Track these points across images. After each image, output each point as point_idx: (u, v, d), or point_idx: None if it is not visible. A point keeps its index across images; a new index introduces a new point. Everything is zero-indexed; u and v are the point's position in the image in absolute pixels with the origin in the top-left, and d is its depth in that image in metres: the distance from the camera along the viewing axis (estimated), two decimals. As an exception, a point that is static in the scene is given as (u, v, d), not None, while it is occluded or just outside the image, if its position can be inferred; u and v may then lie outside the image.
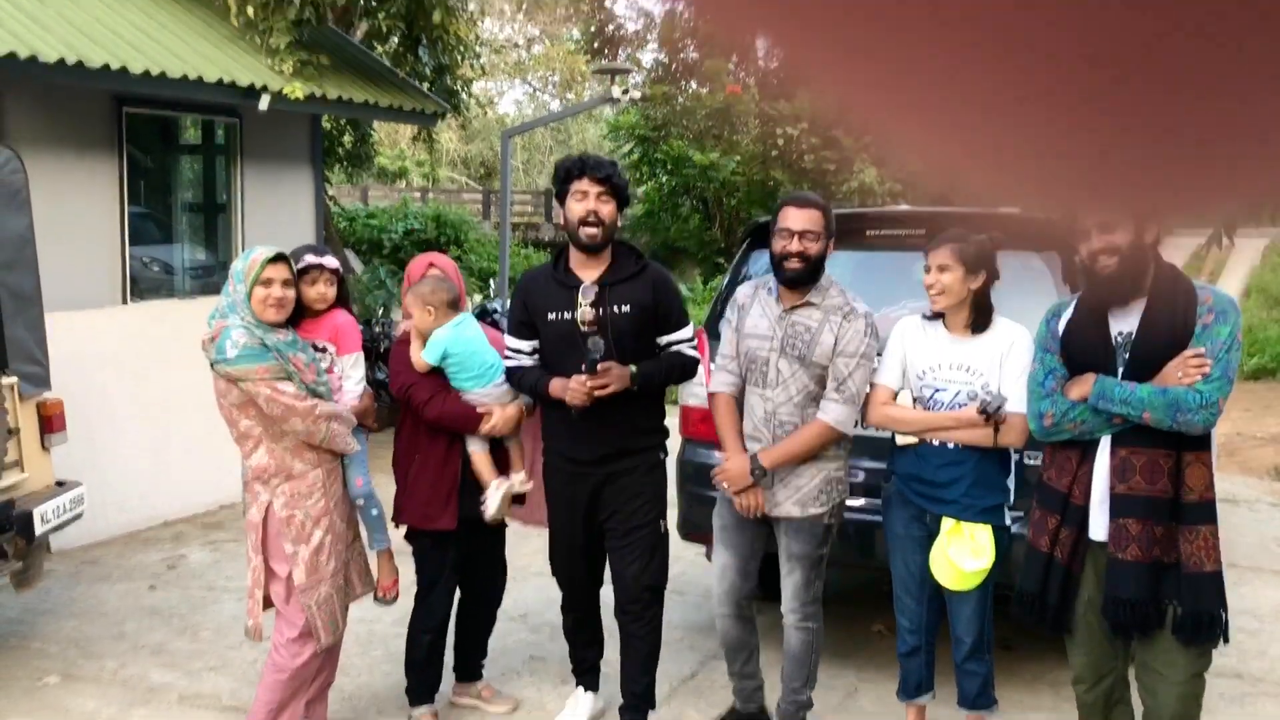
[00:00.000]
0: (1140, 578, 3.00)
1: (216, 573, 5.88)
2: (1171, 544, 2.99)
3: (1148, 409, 2.95)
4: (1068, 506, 3.15)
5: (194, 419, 6.82)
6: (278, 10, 7.91)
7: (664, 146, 18.57)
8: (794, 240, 3.60)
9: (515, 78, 29.90)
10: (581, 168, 3.68)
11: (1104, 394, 3.02)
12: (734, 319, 3.80)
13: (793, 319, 3.65)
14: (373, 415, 3.83)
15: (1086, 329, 3.14)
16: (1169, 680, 3.07)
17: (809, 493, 3.63)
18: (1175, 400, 2.92)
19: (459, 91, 12.09)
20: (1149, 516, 2.98)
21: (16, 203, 4.78)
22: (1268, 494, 7.97)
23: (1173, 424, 2.92)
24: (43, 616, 5.19)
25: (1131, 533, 3.00)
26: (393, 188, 27.51)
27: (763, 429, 3.69)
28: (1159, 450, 2.98)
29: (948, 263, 3.48)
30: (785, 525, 3.70)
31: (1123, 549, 3.01)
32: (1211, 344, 2.94)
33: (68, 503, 4.83)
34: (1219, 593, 2.99)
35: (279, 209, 8.72)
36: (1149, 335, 3.02)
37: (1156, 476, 2.98)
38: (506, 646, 4.76)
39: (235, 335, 3.41)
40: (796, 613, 3.75)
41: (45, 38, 6.34)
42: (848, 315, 3.62)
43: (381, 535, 3.84)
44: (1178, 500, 2.98)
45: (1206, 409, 2.90)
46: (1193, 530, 2.97)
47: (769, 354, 3.66)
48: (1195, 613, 2.97)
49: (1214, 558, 2.97)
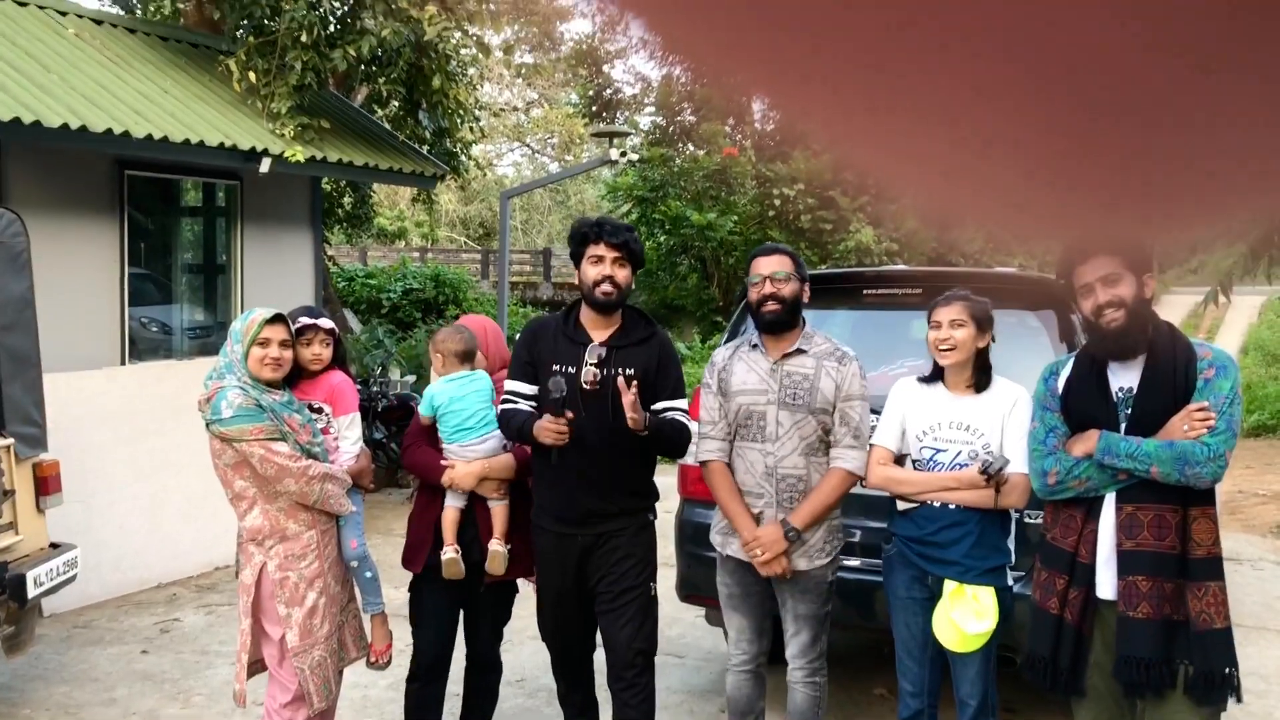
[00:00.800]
0: (1154, 636, 2.96)
1: (210, 637, 5.81)
2: (1180, 601, 2.96)
3: (1155, 463, 2.93)
4: (1075, 565, 3.11)
5: (191, 480, 6.80)
6: (279, 76, 8.03)
7: (662, 206, 18.73)
8: (766, 284, 3.66)
9: (514, 140, 30.22)
10: (599, 232, 3.69)
11: (1110, 449, 3.01)
12: (714, 383, 3.79)
13: (786, 369, 3.66)
14: (369, 476, 3.81)
15: (1087, 385, 3.14)
16: None
17: (815, 544, 3.63)
18: (1183, 454, 2.91)
19: (458, 154, 12.22)
20: (1158, 573, 2.96)
21: (17, 265, 4.81)
22: (1271, 552, 7.91)
23: (1181, 478, 2.91)
24: (33, 682, 5.12)
25: (1142, 590, 2.96)
26: (392, 248, 27.68)
27: (764, 484, 3.66)
28: (1165, 505, 2.97)
29: (961, 318, 3.49)
30: (789, 586, 3.66)
31: (1134, 607, 2.98)
32: (1215, 398, 2.95)
33: (61, 565, 4.79)
34: (1229, 650, 2.96)
35: (278, 270, 8.77)
36: (1151, 390, 3.02)
37: (1164, 532, 2.96)
38: (503, 711, 4.69)
39: (231, 395, 3.41)
40: (803, 669, 3.72)
41: (49, 103, 6.42)
42: (841, 360, 3.66)
43: (375, 599, 3.79)
44: (1185, 556, 2.96)
45: (1214, 461, 2.89)
46: (1201, 587, 2.94)
47: (765, 407, 3.66)
48: (1207, 671, 2.93)
49: (1223, 614, 2.94)
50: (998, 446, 3.46)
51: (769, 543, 3.58)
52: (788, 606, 3.70)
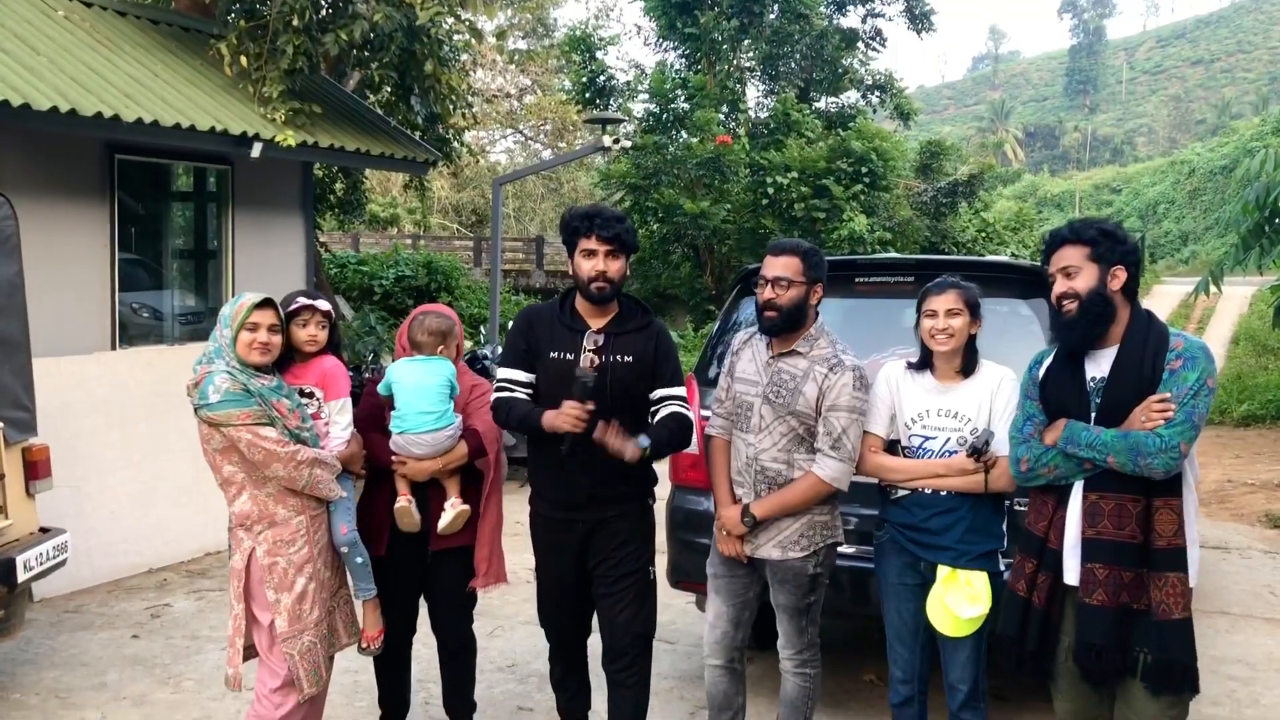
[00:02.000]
0: (1108, 623, 3.00)
1: (200, 622, 5.81)
2: (1141, 590, 2.99)
3: (1111, 453, 2.98)
4: (1044, 551, 3.17)
5: (181, 465, 6.79)
6: (270, 60, 7.99)
7: (655, 194, 18.71)
8: (768, 289, 3.62)
9: (507, 127, 30.13)
10: (590, 225, 3.64)
11: (1072, 438, 3.06)
12: (728, 364, 3.83)
13: (778, 366, 3.66)
14: (360, 461, 3.80)
15: (1062, 375, 3.19)
16: None
17: (790, 536, 3.61)
18: (1136, 444, 2.94)
19: (451, 140, 12.19)
20: (1116, 561, 2.99)
21: (7, 249, 4.78)
22: (1259, 541, 7.95)
23: (1135, 468, 2.95)
24: (23, 666, 5.12)
25: (1099, 577, 3.01)
26: (384, 234, 27.59)
27: (744, 474, 3.68)
28: (1127, 495, 3.00)
29: (957, 307, 3.51)
30: (771, 573, 3.67)
31: (1090, 594, 3.03)
32: (1177, 389, 2.96)
33: (51, 550, 4.78)
34: (1188, 641, 2.97)
35: (269, 255, 8.75)
36: (1119, 380, 3.05)
37: (1124, 521, 2.99)
38: (494, 697, 4.70)
39: (218, 380, 3.40)
40: (793, 659, 3.73)
41: (38, 86, 6.38)
42: (834, 368, 3.59)
43: (367, 584, 3.78)
44: (1148, 546, 2.98)
45: (1166, 453, 2.91)
46: (1162, 577, 2.96)
47: (754, 399, 3.67)
48: (1165, 661, 2.95)
49: (1182, 605, 2.95)
50: (984, 427, 3.48)
51: (728, 521, 3.65)
52: (772, 594, 3.72)
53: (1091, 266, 3.09)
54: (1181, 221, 49.92)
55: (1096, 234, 3.10)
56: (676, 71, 22.16)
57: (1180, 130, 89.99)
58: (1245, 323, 22.60)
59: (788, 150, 19.26)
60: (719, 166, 18.66)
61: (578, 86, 22.20)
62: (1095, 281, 3.08)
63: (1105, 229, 3.12)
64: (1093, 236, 3.10)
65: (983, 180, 21.76)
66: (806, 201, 18.64)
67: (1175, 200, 51.23)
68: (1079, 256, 3.11)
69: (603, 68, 22.06)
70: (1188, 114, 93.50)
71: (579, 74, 22.11)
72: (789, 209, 18.83)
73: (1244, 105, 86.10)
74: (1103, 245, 3.08)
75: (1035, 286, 4.47)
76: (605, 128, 13.52)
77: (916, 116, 24.25)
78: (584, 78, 21.86)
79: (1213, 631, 5.76)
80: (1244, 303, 25.34)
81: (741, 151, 19.29)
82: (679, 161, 18.86)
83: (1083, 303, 3.08)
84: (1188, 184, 50.59)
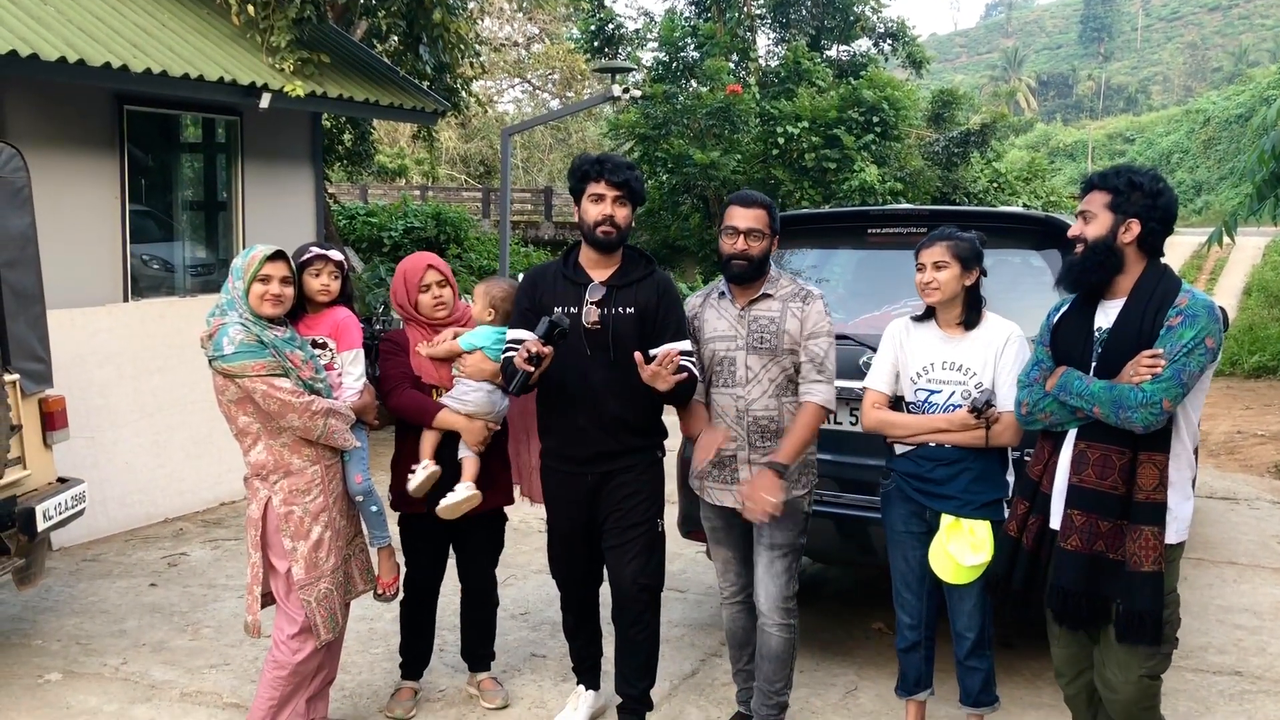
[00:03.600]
0: (1078, 569, 3.04)
1: (217, 570, 5.88)
2: (1118, 540, 3.01)
3: (1097, 404, 2.99)
4: (1036, 494, 3.21)
5: (195, 416, 6.84)
6: (278, 9, 7.92)
7: (664, 145, 18.57)
8: (739, 240, 3.64)
9: (515, 76, 29.86)
10: (600, 170, 3.66)
11: (1065, 386, 3.09)
12: (690, 327, 3.80)
13: (753, 314, 3.68)
14: (373, 412, 3.83)
15: (1072, 323, 3.20)
16: (1118, 679, 3.09)
17: (790, 475, 3.63)
18: (1119, 397, 2.95)
19: (459, 90, 12.08)
20: (1095, 510, 3.02)
21: (19, 200, 4.79)
22: (1268, 491, 7.98)
23: (1117, 420, 2.95)
24: (44, 614, 5.20)
25: (1075, 523, 3.04)
26: (392, 186, 27.48)
27: (736, 426, 3.68)
28: (1113, 446, 3.01)
29: (944, 259, 3.53)
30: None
31: (1065, 539, 3.07)
32: (1171, 346, 2.94)
33: (69, 499, 4.84)
34: (1156, 593, 2.97)
35: (279, 207, 8.74)
36: (1120, 332, 3.06)
37: (1107, 472, 3.01)
38: (507, 644, 4.77)
39: (232, 332, 3.42)
40: (779, 610, 3.72)
41: (46, 36, 6.35)
42: (806, 299, 3.67)
43: (382, 532, 3.84)
44: (1129, 498, 3.00)
45: (1147, 408, 2.90)
46: (1137, 530, 2.98)
47: (735, 352, 3.68)
48: (1133, 611, 2.98)
49: (1153, 558, 2.96)
50: (989, 384, 3.50)
51: (769, 487, 3.51)
52: (763, 538, 3.70)
53: (1107, 215, 3.07)
54: (1195, 172, 49.41)
55: (1122, 184, 3.07)
56: (686, 19, 21.91)
57: (1196, 78, 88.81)
58: (1258, 274, 22.46)
59: (798, 100, 19.08)
60: (729, 116, 18.48)
61: (586, 35, 21.99)
62: (1105, 231, 3.07)
63: (1135, 179, 3.06)
64: (1116, 185, 3.07)
65: (995, 130, 21.54)
66: (817, 151, 18.50)
67: (1189, 150, 50.68)
68: (1099, 203, 3.09)
69: (611, 15, 21.82)
70: (1204, 62, 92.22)
71: (587, 22, 21.88)
72: (799, 159, 18.70)
73: (1261, 53, 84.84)
74: (1123, 196, 3.05)
75: (1048, 237, 4.45)
76: (614, 77, 13.40)
77: (929, 65, 23.97)
78: (592, 26, 21.64)
79: (1220, 581, 5.80)
80: (1257, 254, 25.16)
81: (752, 101, 19.10)
82: (689, 111, 18.69)
83: (1086, 249, 3.09)
84: (1202, 133, 50.02)
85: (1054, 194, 24.03)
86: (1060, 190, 25.55)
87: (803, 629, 3.90)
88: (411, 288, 3.97)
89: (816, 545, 4.25)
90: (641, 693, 3.91)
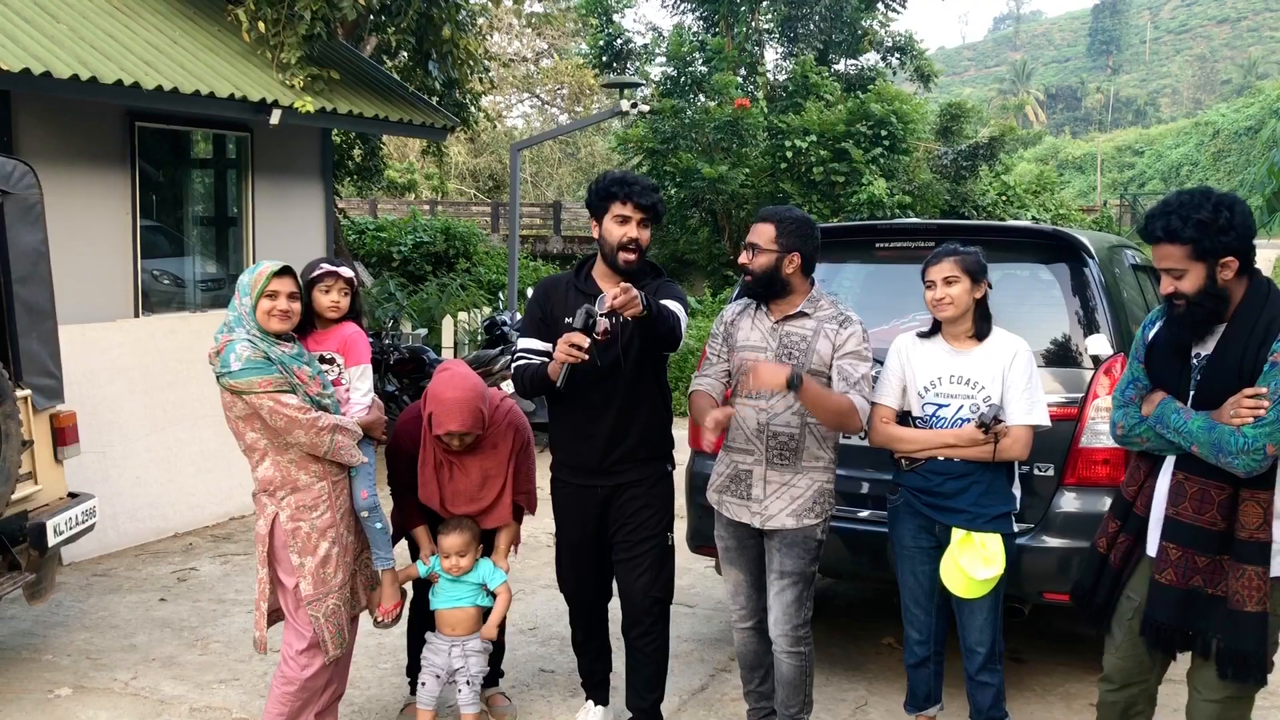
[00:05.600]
0: (1173, 603, 2.97)
1: (226, 585, 5.89)
2: (1218, 576, 2.92)
3: (1195, 442, 2.88)
4: (1129, 515, 3.15)
5: (205, 431, 6.86)
6: (288, 26, 7.97)
7: (673, 159, 18.58)
8: (744, 254, 3.65)
9: (524, 91, 29.98)
10: (628, 192, 3.64)
11: (1162, 418, 2.98)
12: (720, 331, 3.77)
13: (786, 329, 3.64)
14: (381, 428, 3.82)
15: (1168, 345, 3.06)
16: (1202, 698, 3.06)
17: (804, 504, 3.61)
18: (1218, 440, 2.83)
19: (468, 105, 12.14)
20: (1192, 545, 2.93)
21: (31, 217, 4.81)
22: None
23: (1216, 462, 2.84)
24: (54, 628, 5.21)
25: (1171, 558, 2.97)
26: (402, 200, 27.57)
27: (755, 441, 3.64)
28: (1212, 481, 2.89)
29: (953, 274, 3.52)
30: (778, 541, 3.65)
31: (1161, 572, 3.00)
32: (1275, 384, 2.78)
33: (80, 514, 4.85)
34: (1260, 634, 2.88)
35: (289, 222, 8.77)
36: (1219, 364, 2.91)
37: (1205, 507, 2.91)
38: (516, 659, 4.77)
39: (239, 349, 3.43)
40: (788, 637, 3.67)
41: (58, 54, 6.40)
42: (844, 323, 3.60)
43: (385, 553, 3.79)
44: (1230, 535, 2.90)
45: (1249, 454, 2.78)
46: (1240, 569, 2.88)
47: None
48: (1235, 651, 2.91)
49: (1258, 598, 2.86)
50: (997, 398, 3.49)
51: (774, 368, 3.40)
52: (774, 564, 3.66)
53: (1197, 266, 2.86)
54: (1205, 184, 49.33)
55: (1194, 231, 2.83)
56: (694, 34, 21.95)
57: (1205, 91, 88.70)
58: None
59: (806, 113, 19.08)
60: (737, 130, 18.50)
61: (595, 50, 22.03)
62: (1203, 280, 2.87)
63: (1201, 219, 2.82)
64: (1191, 236, 2.83)
65: (1003, 143, 21.50)
66: (825, 165, 18.49)
67: (1199, 162, 50.56)
68: (1180, 257, 2.87)
69: (620, 30, 21.87)
70: (1213, 74, 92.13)
71: (596, 37, 21.93)
72: (808, 173, 18.69)
73: (1271, 65, 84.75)
74: (1203, 242, 2.83)
75: (1056, 251, 4.45)
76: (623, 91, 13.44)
77: (937, 78, 23.97)
78: (601, 41, 21.68)
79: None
80: (1268, 266, 25.10)
81: (760, 115, 19.12)
82: (697, 125, 18.71)
83: (1189, 303, 2.90)
84: (1212, 146, 49.91)
85: (1063, 206, 23.98)
86: (1069, 203, 25.50)
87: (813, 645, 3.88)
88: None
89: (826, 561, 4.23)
90: (652, 705, 3.90)
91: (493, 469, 3.89)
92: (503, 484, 3.91)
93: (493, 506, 3.91)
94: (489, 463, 3.89)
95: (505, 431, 3.90)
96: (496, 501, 3.91)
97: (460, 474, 3.86)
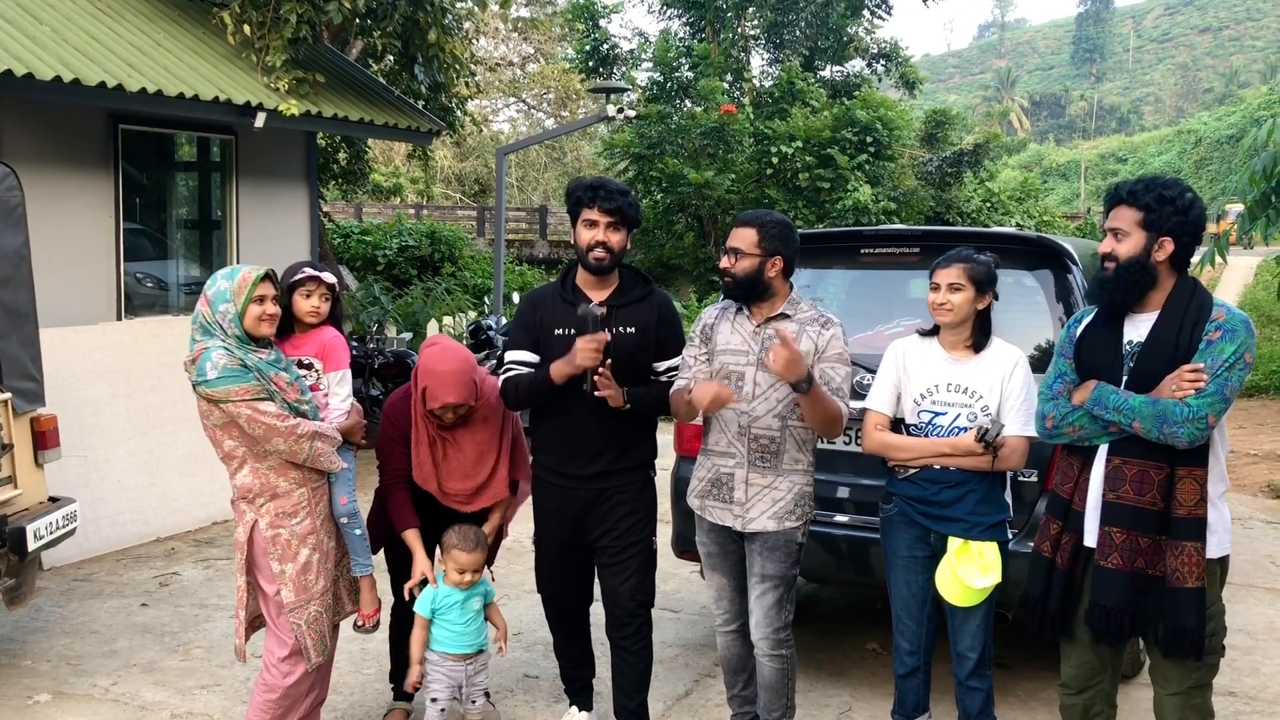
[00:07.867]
0: (1121, 586, 3.02)
1: (209, 590, 5.86)
2: (1158, 557, 3.00)
3: (1138, 418, 2.97)
4: (1069, 513, 3.18)
5: (187, 435, 6.82)
6: (273, 29, 7.95)
7: (659, 164, 18.61)
8: (725, 257, 3.66)
9: (510, 96, 29.96)
10: (593, 196, 3.68)
11: (1099, 401, 3.05)
12: (698, 336, 3.76)
13: (768, 332, 3.63)
14: (360, 433, 3.79)
15: (1099, 336, 3.16)
16: (1165, 692, 3.11)
17: (784, 506, 3.61)
18: (1163, 412, 2.93)
19: (454, 109, 12.13)
20: (1134, 527, 3.01)
21: (13, 219, 4.78)
22: (1261, 511, 7.98)
23: (1159, 436, 2.94)
24: (34, 634, 5.17)
25: (1115, 541, 3.03)
26: (387, 204, 27.53)
27: (737, 443, 3.64)
28: (1150, 462, 2.99)
29: (960, 282, 3.50)
30: (760, 545, 3.65)
31: (1105, 557, 3.05)
32: (1212, 360, 2.93)
33: (60, 519, 4.82)
34: (1199, 610, 2.97)
35: (273, 225, 8.74)
36: (1154, 346, 3.03)
37: (1145, 488, 3.00)
38: (500, 665, 4.75)
39: (215, 356, 3.39)
40: (769, 640, 3.67)
41: (42, 55, 6.36)
42: (825, 324, 3.62)
43: (364, 559, 3.77)
44: (1168, 514, 2.99)
45: (1193, 423, 2.89)
46: (1179, 545, 2.97)
47: (744, 368, 3.64)
48: (1175, 627, 2.98)
49: (1196, 575, 2.96)
50: (994, 409, 3.48)
51: (799, 358, 3.36)
52: (755, 568, 3.66)
53: (1139, 233, 3.02)
54: (1186, 190, 49.63)
55: (1153, 200, 3.01)
56: (680, 40, 22.01)
57: (1187, 99, 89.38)
58: (1250, 293, 22.54)
59: (792, 119, 19.14)
60: (723, 136, 18.55)
61: (581, 55, 22.06)
62: (1139, 249, 3.03)
63: (1165, 195, 3.01)
64: (1148, 203, 3.01)
65: (988, 150, 21.62)
66: (811, 171, 18.54)
67: (1181, 170, 50.92)
68: (1130, 220, 3.04)
69: (606, 36, 21.91)
70: (1195, 82, 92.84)
71: (582, 42, 21.97)
72: (793, 179, 18.74)
73: (1252, 74, 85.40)
74: (1155, 213, 3.00)
75: (1040, 258, 4.46)
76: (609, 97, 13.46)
77: (922, 85, 24.09)
78: (587, 46, 21.72)
79: (1213, 601, 5.79)
80: (1249, 273, 25.27)
81: (746, 121, 19.18)
82: (683, 131, 18.76)
83: (1119, 267, 3.05)
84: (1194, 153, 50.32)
85: (1047, 213, 24.12)
86: (1053, 210, 25.64)
87: (797, 649, 3.88)
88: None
89: (809, 565, 4.24)
90: (638, 706, 3.90)
91: (486, 443, 3.89)
92: (496, 458, 3.90)
93: (488, 482, 3.90)
94: (481, 436, 3.88)
95: (496, 405, 3.91)
96: (492, 476, 3.89)
97: (454, 450, 3.85)
